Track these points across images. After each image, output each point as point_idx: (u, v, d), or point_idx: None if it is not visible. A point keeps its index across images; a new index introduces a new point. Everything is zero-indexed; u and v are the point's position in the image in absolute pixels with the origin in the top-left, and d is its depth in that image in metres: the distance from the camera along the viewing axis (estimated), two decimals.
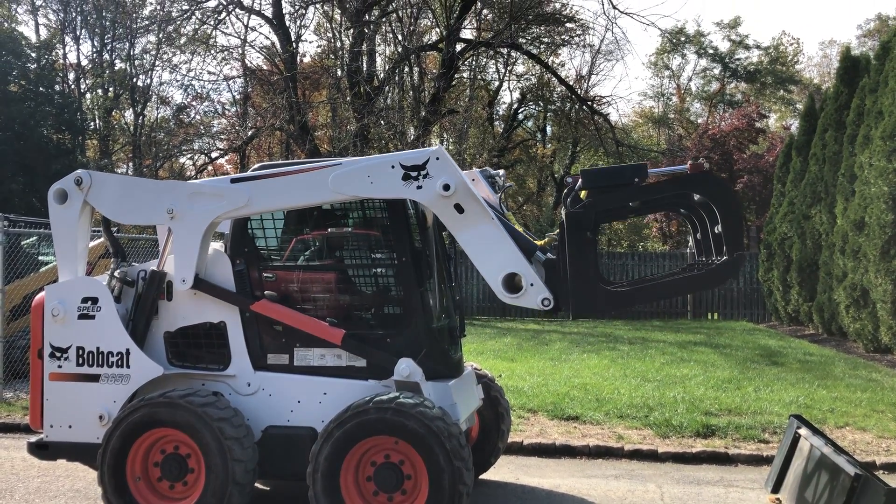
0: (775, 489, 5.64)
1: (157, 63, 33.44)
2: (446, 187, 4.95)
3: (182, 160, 35.85)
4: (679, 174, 5.28)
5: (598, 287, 5.08)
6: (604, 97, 36.16)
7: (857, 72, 15.97)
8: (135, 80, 33.98)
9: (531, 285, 5.00)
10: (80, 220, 5.49)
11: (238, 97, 34.55)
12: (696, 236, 5.49)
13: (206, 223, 5.29)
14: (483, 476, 6.44)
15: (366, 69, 25.63)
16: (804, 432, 5.44)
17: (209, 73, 51.37)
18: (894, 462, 7.00)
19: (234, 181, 5.32)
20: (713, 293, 21.95)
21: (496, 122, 37.73)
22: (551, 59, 33.15)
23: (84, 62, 34.70)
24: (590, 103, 30.30)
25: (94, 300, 5.38)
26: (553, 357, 12.97)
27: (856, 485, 4.44)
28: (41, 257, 11.66)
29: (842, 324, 15.15)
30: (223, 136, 34.02)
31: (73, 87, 33.60)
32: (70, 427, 5.37)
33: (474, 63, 30.44)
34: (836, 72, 17.31)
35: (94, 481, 5.78)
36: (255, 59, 30.58)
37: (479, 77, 32.79)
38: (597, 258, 5.20)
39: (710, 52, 44.15)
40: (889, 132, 12.70)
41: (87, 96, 34.81)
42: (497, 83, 36.54)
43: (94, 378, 5.34)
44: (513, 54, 31.73)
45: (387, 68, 27.19)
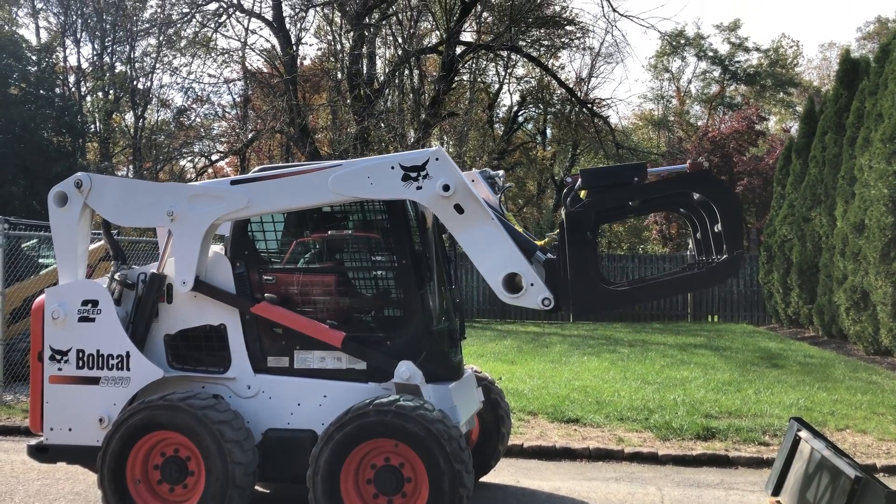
0: (776, 492, 5.63)
1: (157, 66, 33.51)
2: (446, 188, 4.95)
3: (182, 163, 35.98)
4: (678, 173, 5.28)
5: (598, 286, 5.08)
6: (604, 100, 36.16)
7: (856, 74, 15.99)
8: (135, 82, 33.99)
9: (531, 285, 5.00)
10: (80, 222, 5.49)
11: (238, 100, 34.63)
12: (696, 236, 5.49)
13: (207, 225, 5.29)
14: (483, 479, 6.43)
15: (366, 72, 25.66)
16: (804, 435, 5.43)
17: (209, 75, 51.60)
18: (895, 465, 6.99)
19: (234, 183, 5.33)
20: (713, 295, 21.95)
21: (496, 125, 37.76)
22: (551, 61, 33.19)
23: (84, 65, 34.76)
24: (590, 106, 30.32)
25: (95, 303, 5.38)
26: (553, 359, 12.96)
27: (856, 487, 4.43)
28: (41, 260, 11.66)
29: (842, 326, 15.15)
30: (223, 139, 34.12)
31: (73, 89, 33.60)
32: (70, 430, 5.37)
33: (474, 66, 30.45)
34: (836, 74, 17.33)
35: (94, 484, 5.76)
36: (256, 62, 30.69)
37: (479, 80, 32.81)
38: (597, 258, 5.19)
39: (710, 54, 44.22)
40: (889, 135, 12.71)
41: (88, 99, 34.83)
42: (497, 86, 36.62)
43: (94, 381, 5.34)
44: (513, 57, 31.79)
45: (387, 71, 27.21)
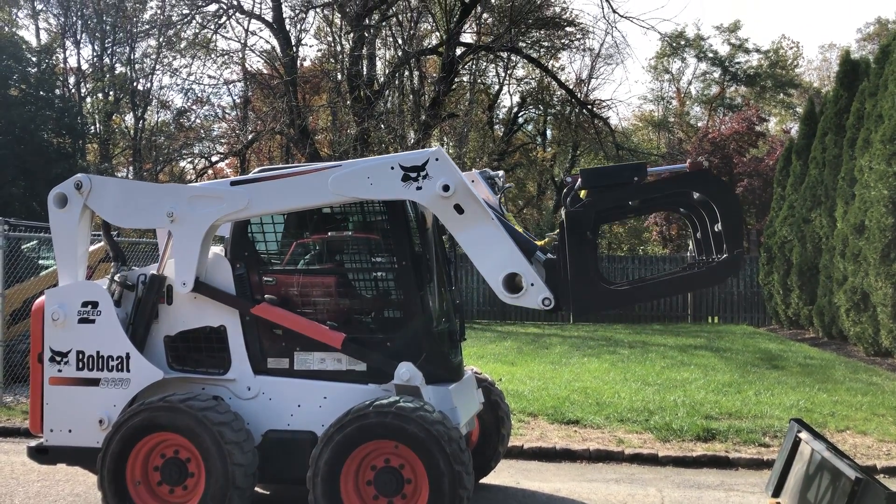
0: (776, 493, 5.62)
1: (157, 67, 33.55)
2: (446, 188, 4.95)
3: (182, 164, 35.97)
4: (678, 173, 5.28)
5: (598, 286, 5.08)
6: (604, 101, 36.14)
7: (856, 75, 15.99)
8: (135, 83, 34.01)
9: (531, 285, 5.00)
10: (80, 224, 5.50)
11: (238, 101, 34.65)
12: (696, 235, 5.48)
13: (207, 226, 5.29)
14: (483, 480, 6.42)
15: (366, 73, 25.66)
16: (805, 436, 5.43)
17: (209, 76, 51.59)
18: (895, 466, 6.99)
19: (234, 184, 5.33)
20: (713, 297, 21.96)
21: (496, 126, 37.76)
22: (551, 62, 33.18)
23: (84, 66, 34.77)
24: (590, 107, 30.33)
25: (95, 304, 5.38)
26: (553, 361, 12.96)
27: (856, 489, 4.43)
28: (41, 261, 11.66)
29: (842, 327, 15.15)
30: (223, 140, 34.10)
31: (73, 90, 33.62)
32: (70, 431, 5.37)
33: (474, 67, 30.44)
34: (836, 75, 17.33)
35: (94, 486, 5.77)
36: (256, 63, 30.72)
37: (479, 81, 32.80)
38: (597, 258, 5.18)
39: (710, 55, 44.23)
40: (889, 136, 12.71)
41: (88, 100, 34.85)
42: (497, 87, 36.61)
43: (94, 382, 5.34)
44: (513, 58, 31.79)
45: (387, 72, 27.22)
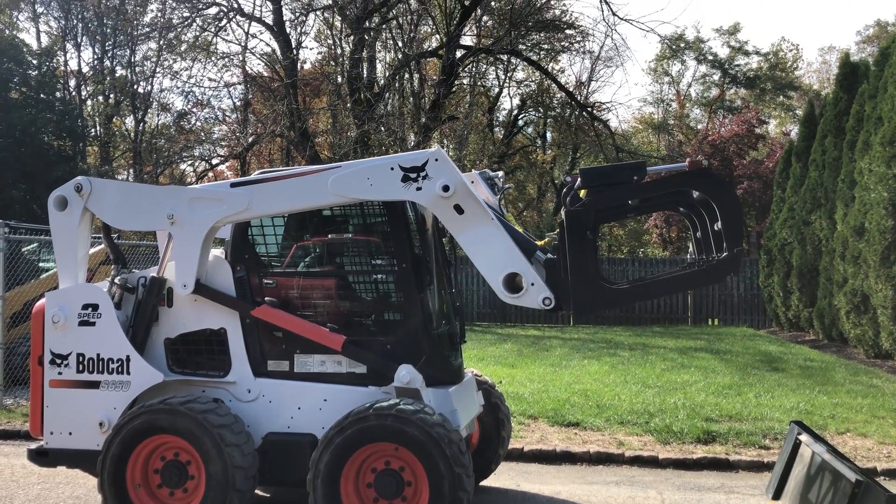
0: (776, 496, 5.62)
1: (157, 70, 33.63)
2: (445, 188, 4.96)
3: (183, 167, 36.02)
4: (678, 172, 5.28)
5: (598, 285, 5.08)
6: (604, 103, 36.13)
7: (856, 78, 16.01)
8: (135, 86, 34.07)
9: (532, 285, 5.00)
10: (81, 226, 5.50)
11: (239, 104, 34.68)
12: (696, 235, 5.48)
13: (207, 228, 5.29)
14: (483, 482, 6.42)
15: (366, 76, 25.69)
16: (805, 438, 5.42)
17: (210, 79, 51.50)
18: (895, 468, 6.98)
19: (234, 185, 5.34)
20: (713, 299, 21.96)
21: (496, 129, 37.78)
22: (551, 65, 33.21)
23: (85, 69, 34.84)
24: (590, 109, 30.33)
25: (95, 307, 5.38)
26: (553, 363, 12.96)
27: (857, 491, 4.42)
28: (42, 264, 11.66)
29: (842, 329, 15.14)
30: (224, 143, 34.15)
31: (73, 93, 33.67)
32: (70, 434, 5.37)
33: (474, 69, 30.48)
34: (836, 78, 17.35)
35: (94, 488, 5.77)
36: (256, 66, 30.75)
37: (479, 83, 32.85)
38: (597, 257, 5.18)
39: (710, 58, 44.24)
40: (888, 138, 12.72)
41: (88, 103, 34.90)
42: (497, 89, 36.64)
43: (95, 385, 5.34)
44: (513, 61, 31.82)
45: (387, 75, 27.26)
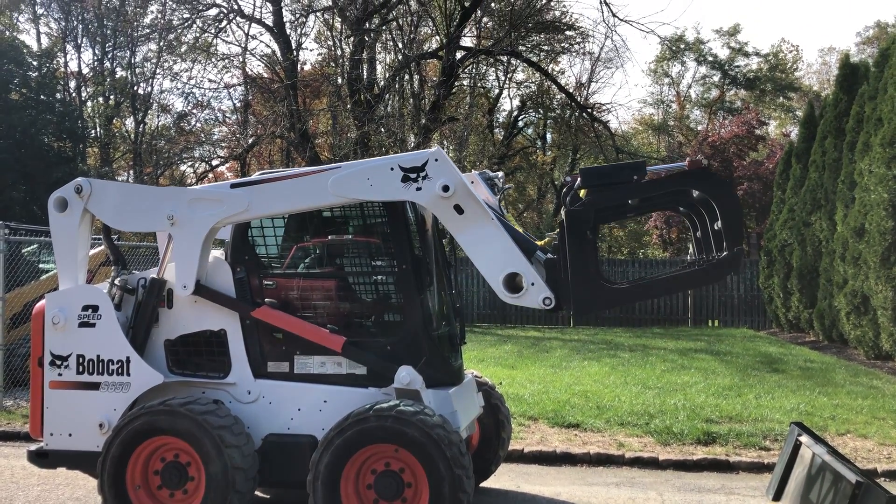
0: (777, 497, 5.62)
1: (157, 71, 33.60)
2: (445, 188, 4.96)
3: (183, 168, 35.99)
4: (678, 171, 5.28)
5: (599, 284, 5.08)
6: (604, 104, 36.25)
7: (856, 79, 16.01)
8: (136, 88, 34.06)
9: (532, 285, 5.00)
10: (81, 227, 5.50)
11: (239, 105, 34.66)
12: (696, 235, 5.48)
13: (207, 229, 5.29)
14: (484, 484, 6.42)
15: (366, 77, 25.69)
16: (805, 440, 5.42)
17: (210, 80, 51.48)
18: None
19: (234, 186, 5.34)
20: (714, 300, 21.96)
21: (496, 130, 37.80)
22: (551, 66, 33.21)
23: (85, 70, 34.83)
24: (590, 110, 30.34)
25: (95, 308, 5.39)
26: (554, 364, 12.95)
27: (857, 492, 4.43)
28: (42, 265, 11.66)
29: (842, 331, 15.14)
30: (224, 144, 34.13)
31: (74, 95, 33.66)
32: (70, 435, 5.37)
33: (474, 71, 30.49)
34: (836, 79, 17.35)
35: (94, 490, 5.76)
36: (256, 67, 30.73)
37: (479, 85, 32.85)
38: (597, 256, 5.18)
39: (710, 59, 44.21)
40: (888, 139, 12.72)
41: (88, 104, 34.90)
42: (497, 91, 36.63)
43: (95, 386, 5.34)
44: (513, 62, 31.83)
45: (387, 76, 27.27)
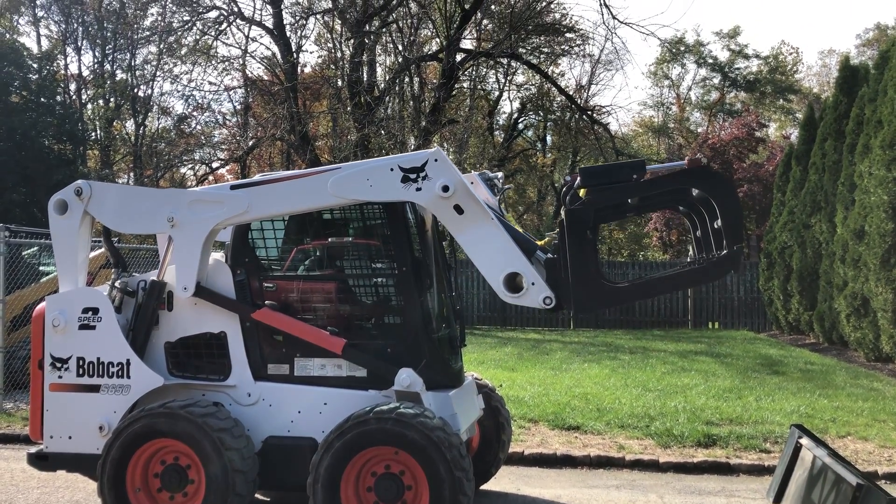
0: (777, 499, 5.62)
1: (158, 73, 33.59)
2: (445, 188, 4.96)
3: (183, 170, 35.99)
4: (677, 169, 5.27)
5: (599, 284, 5.08)
6: (604, 107, 36.34)
7: (856, 81, 16.01)
8: (136, 90, 34.09)
9: (532, 284, 5.01)
10: (81, 230, 5.50)
11: (239, 107, 34.67)
12: (696, 234, 5.48)
13: (207, 230, 5.30)
14: (484, 486, 6.41)
15: (366, 79, 25.70)
16: (806, 442, 5.42)
17: (210, 83, 51.51)
18: None
19: (234, 188, 5.35)
20: (714, 302, 21.96)
21: (496, 132, 37.82)
22: (551, 68, 33.25)
23: (85, 73, 34.88)
24: (590, 113, 30.36)
25: (95, 310, 5.38)
26: (554, 367, 12.95)
27: (858, 494, 4.42)
28: (42, 268, 11.66)
29: (842, 333, 15.13)
30: (224, 147, 34.12)
31: (74, 97, 33.69)
32: (70, 438, 5.37)
33: (474, 73, 30.50)
34: (836, 81, 17.36)
35: (94, 492, 5.75)
36: (256, 70, 30.71)
37: (479, 87, 32.86)
38: (597, 256, 5.18)
39: (710, 61, 44.28)
40: (888, 141, 12.72)
41: (89, 107, 34.91)
42: (497, 93, 36.69)
43: (95, 389, 5.34)
44: (513, 64, 31.82)
45: (387, 78, 27.27)
